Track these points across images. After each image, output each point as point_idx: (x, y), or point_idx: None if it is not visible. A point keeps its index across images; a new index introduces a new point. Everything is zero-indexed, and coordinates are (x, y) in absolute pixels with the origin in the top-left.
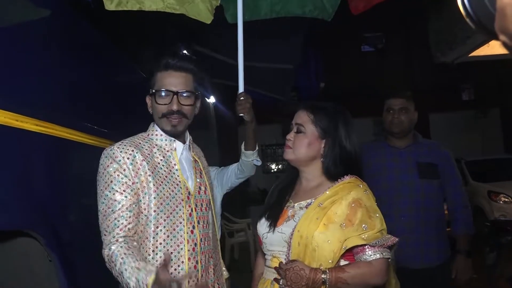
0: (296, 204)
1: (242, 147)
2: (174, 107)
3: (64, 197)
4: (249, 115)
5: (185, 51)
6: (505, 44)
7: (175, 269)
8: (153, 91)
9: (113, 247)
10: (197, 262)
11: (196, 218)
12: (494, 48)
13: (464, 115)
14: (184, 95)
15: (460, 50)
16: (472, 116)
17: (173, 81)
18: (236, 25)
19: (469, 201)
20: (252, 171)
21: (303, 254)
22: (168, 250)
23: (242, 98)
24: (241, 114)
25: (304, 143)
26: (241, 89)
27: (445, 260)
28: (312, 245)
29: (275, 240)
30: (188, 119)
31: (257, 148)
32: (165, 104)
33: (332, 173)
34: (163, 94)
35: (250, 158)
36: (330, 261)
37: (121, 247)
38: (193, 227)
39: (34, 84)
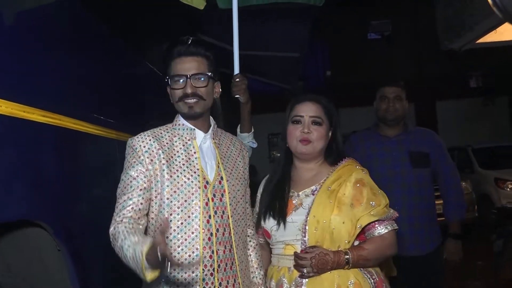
0: (300, 193)
1: (238, 130)
2: (188, 90)
3: (72, 187)
4: (245, 97)
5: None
6: None
7: (189, 255)
8: (168, 78)
9: (118, 226)
10: (213, 252)
11: (213, 208)
12: (502, 34)
13: (471, 103)
14: (197, 77)
15: (467, 37)
16: (480, 103)
17: (185, 66)
18: (230, 17)
19: (476, 189)
20: (249, 154)
21: (322, 238)
22: (182, 237)
23: (237, 79)
24: (237, 96)
25: (323, 134)
26: (236, 70)
27: (436, 247)
28: (330, 228)
29: (287, 230)
30: (205, 100)
31: (252, 130)
32: (179, 89)
33: (333, 159)
34: (176, 79)
35: (246, 140)
36: (346, 241)
37: (125, 226)
38: (210, 216)
39: (41, 76)
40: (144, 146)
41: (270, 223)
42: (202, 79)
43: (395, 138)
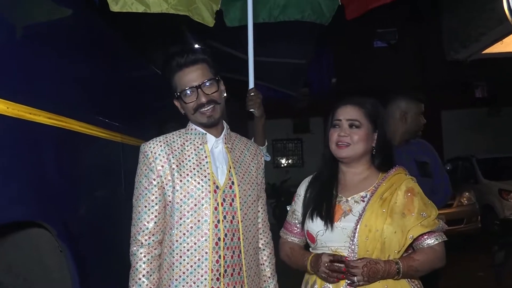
0: (349, 198)
1: None
2: (203, 99)
3: (75, 190)
4: (259, 111)
5: (196, 45)
6: None
7: (199, 259)
8: (178, 93)
9: (135, 249)
10: (219, 256)
11: (222, 213)
12: (508, 45)
13: (476, 113)
14: (207, 84)
15: (473, 47)
16: (485, 113)
17: (191, 76)
18: (238, 27)
19: (479, 200)
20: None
21: (372, 248)
22: (191, 241)
23: (252, 94)
24: (252, 110)
25: (362, 137)
26: (251, 85)
27: None
28: (382, 238)
29: (334, 236)
30: (219, 103)
31: (266, 143)
32: (193, 101)
33: (382, 164)
34: (188, 92)
35: None
36: (396, 251)
37: (142, 253)
38: (218, 221)
39: (47, 79)
40: (155, 152)
41: (316, 227)
42: (211, 84)
43: (400, 148)
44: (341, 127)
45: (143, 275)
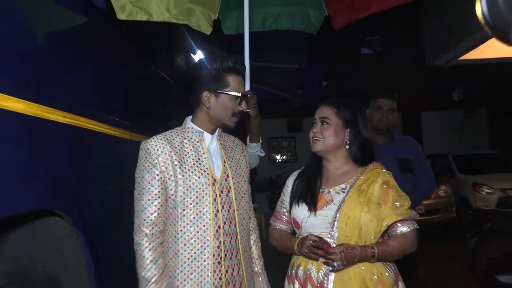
0: (331, 190)
1: (248, 140)
2: (245, 108)
3: (89, 181)
4: (254, 111)
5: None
6: None
7: (201, 246)
8: (230, 92)
9: (140, 239)
10: (220, 242)
11: (221, 203)
12: (483, 52)
13: (453, 114)
14: (248, 97)
15: (451, 54)
16: (461, 115)
17: (241, 84)
18: (235, 35)
19: (455, 192)
20: (256, 162)
21: (351, 234)
22: (194, 229)
23: (248, 96)
24: (248, 110)
25: (331, 132)
26: (247, 88)
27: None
28: (359, 225)
29: (317, 222)
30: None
31: (260, 140)
32: (237, 106)
33: (359, 159)
34: (235, 95)
35: (254, 149)
36: (372, 237)
37: (146, 242)
38: (217, 211)
39: (63, 81)
40: (158, 150)
41: (301, 214)
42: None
43: (384, 146)
44: (315, 125)
45: (150, 261)
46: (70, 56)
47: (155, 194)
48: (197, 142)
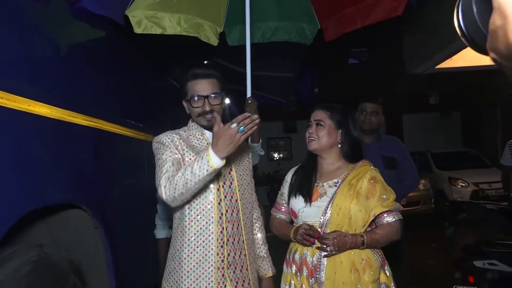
0: (325, 184)
1: (249, 140)
2: (207, 108)
3: (107, 177)
4: (255, 115)
5: (206, 61)
6: (494, 60)
7: (204, 225)
8: (188, 97)
9: (161, 182)
10: (223, 228)
11: (223, 193)
12: (456, 61)
13: (431, 116)
14: (213, 96)
15: (428, 64)
16: (438, 117)
17: (202, 87)
18: (238, 46)
19: (433, 186)
20: (256, 160)
21: (342, 223)
22: (201, 218)
23: (250, 101)
24: (249, 114)
25: (325, 133)
26: (249, 94)
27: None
28: (349, 214)
29: (311, 212)
30: (219, 114)
31: (260, 141)
32: (199, 107)
33: (350, 157)
34: (196, 99)
35: (255, 149)
36: (361, 226)
37: (164, 179)
38: (220, 200)
39: (86, 88)
40: (169, 139)
41: (298, 205)
42: (216, 97)
43: (370, 145)
44: (311, 126)
45: (172, 175)
46: (95, 67)
47: (175, 154)
48: (200, 136)
